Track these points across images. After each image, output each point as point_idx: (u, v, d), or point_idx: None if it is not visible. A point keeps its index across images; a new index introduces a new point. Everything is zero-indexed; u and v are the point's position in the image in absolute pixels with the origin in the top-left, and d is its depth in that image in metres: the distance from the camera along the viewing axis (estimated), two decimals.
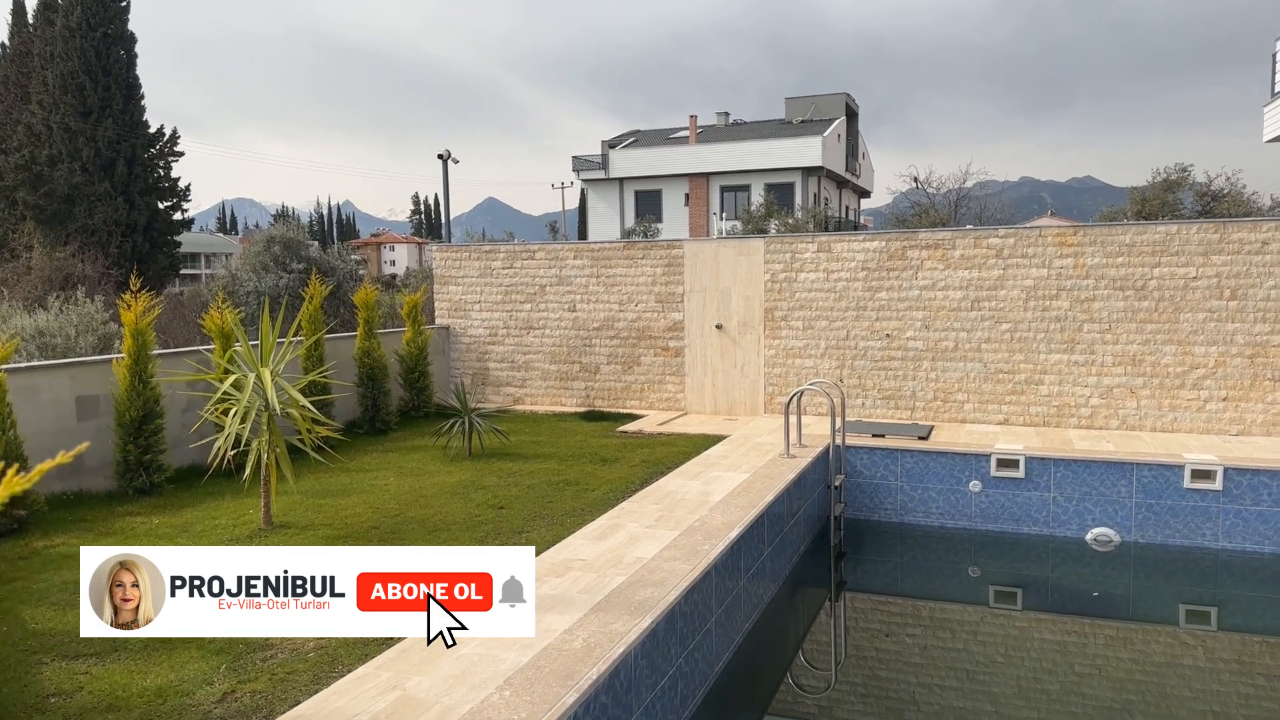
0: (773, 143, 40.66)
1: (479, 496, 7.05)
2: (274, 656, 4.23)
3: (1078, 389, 9.13)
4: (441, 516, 6.49)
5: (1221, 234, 8.57)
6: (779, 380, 10.29)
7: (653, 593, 4.71)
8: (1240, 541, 7.46)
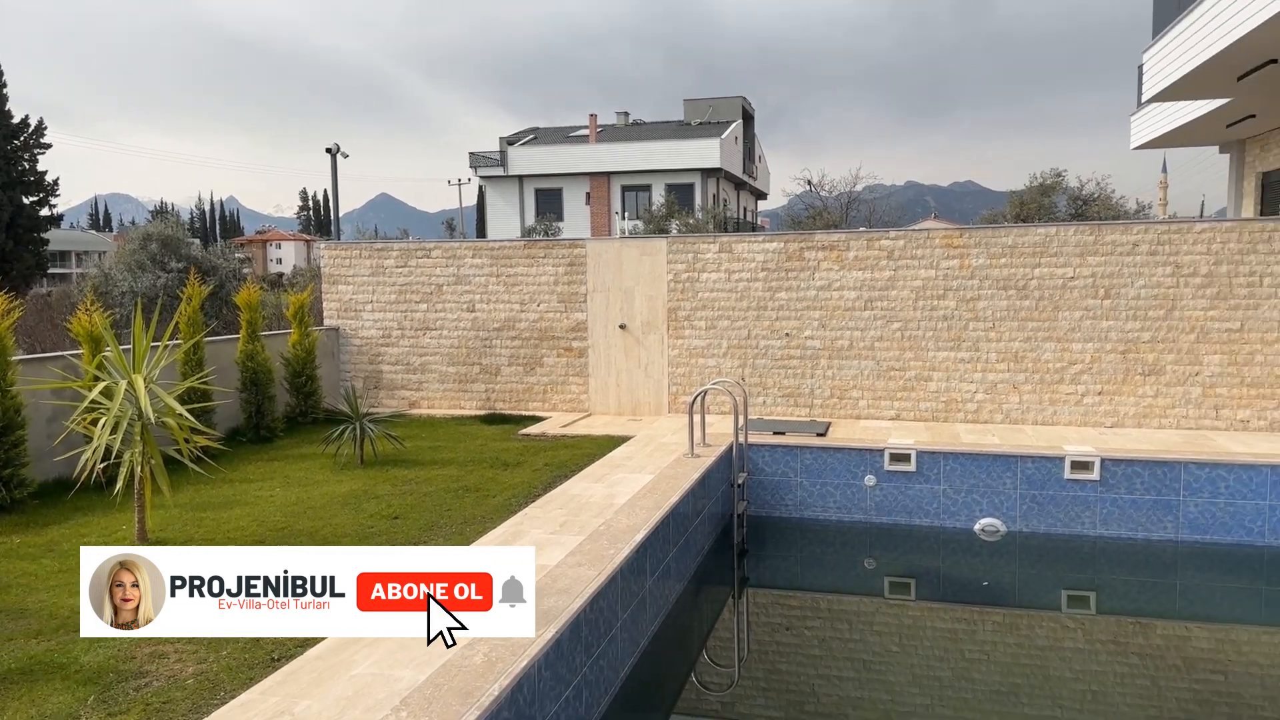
0: (673, 144, 40.98)
1: (372, 506, 6.78)
2: (148, 685, 3.94)
3: (964, 385, 9.46)
4: (331, 529, 6.21)
5: (1096, 236, 9.03)
6: (683, 380, 10.32)
7: (557, 601, 4.61)
8: (1116, 529, 7.86)
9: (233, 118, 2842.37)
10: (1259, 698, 5.73)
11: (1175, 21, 10.97)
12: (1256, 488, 7.52)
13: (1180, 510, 7.70)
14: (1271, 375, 8.68)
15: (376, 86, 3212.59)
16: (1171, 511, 7.72)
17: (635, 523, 5.97)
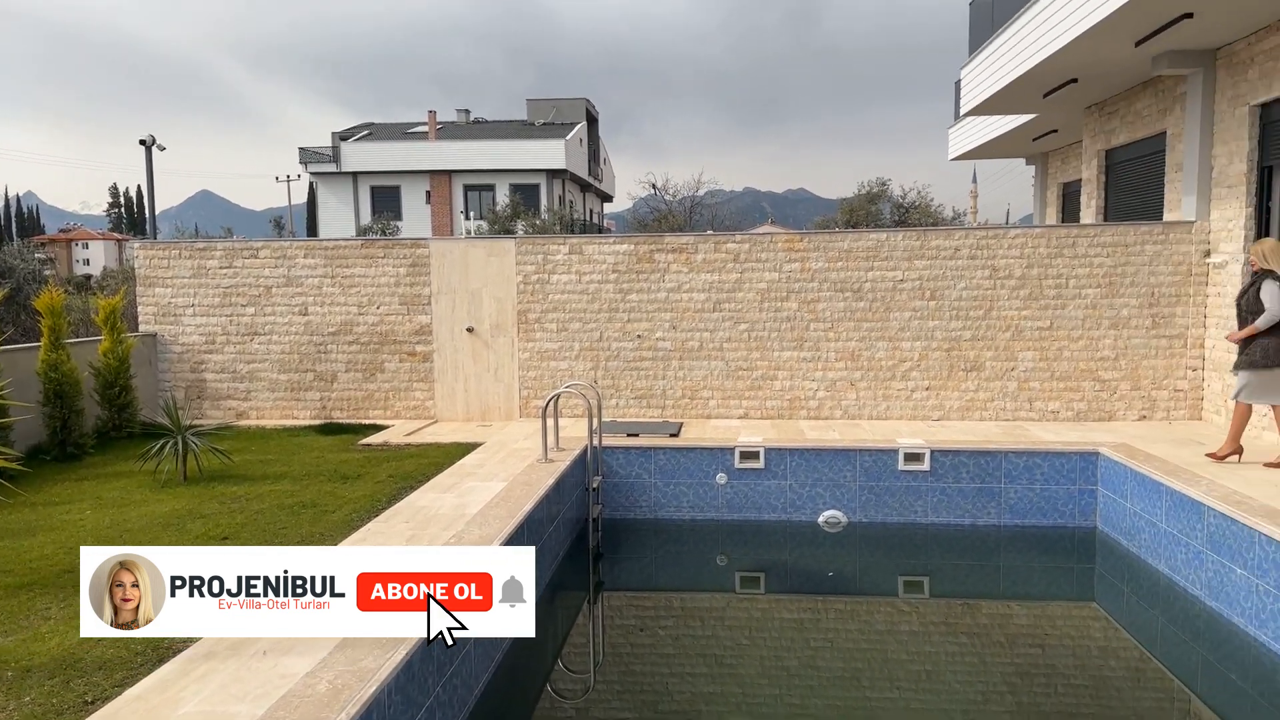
0: (517, 143, 40.53)
1: (197, 527, 6.25)
2: None
3: (806, 383, 9.81)
4: None
5: (922, 241, 9.57)
6: (534, 383, 10.16)
7: None
8: (945, 516, 8.34)
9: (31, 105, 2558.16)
10: (1071, 667, 6.21)
11: (988, 41, 11.82)
12: (1067, 474, 8.17)
13: (1002, 497, 8.26)
14: (1077, 369, 9.47)
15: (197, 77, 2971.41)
16: (994, 498, 8.27)
17: (488, 534, 5.79)
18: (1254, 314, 6.98)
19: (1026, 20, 10.24)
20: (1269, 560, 5.56)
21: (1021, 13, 10.37)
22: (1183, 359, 9.36)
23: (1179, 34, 8.48)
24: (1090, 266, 9.39)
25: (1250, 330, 6.95)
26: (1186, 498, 6.59)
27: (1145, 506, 7.24)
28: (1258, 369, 6.98)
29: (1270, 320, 6.84)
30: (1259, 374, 7.01)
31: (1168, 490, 6.87)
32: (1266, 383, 7.00)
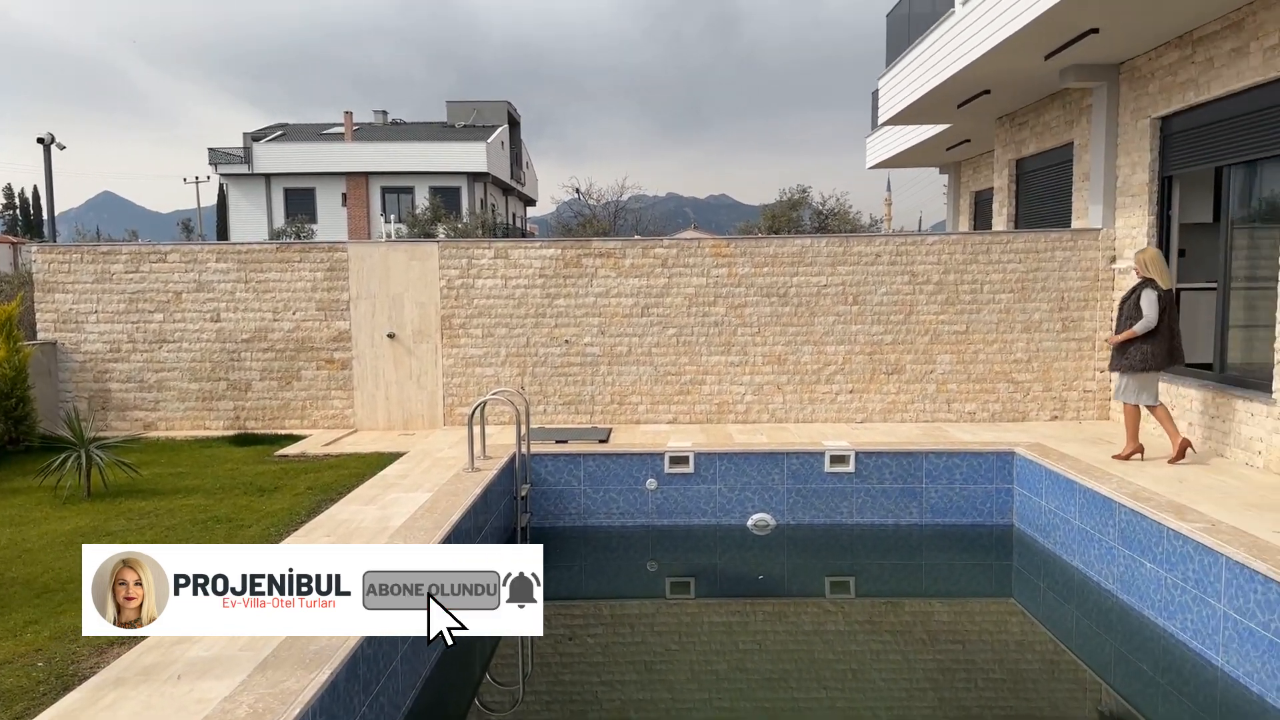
0: (437, 145, 39.92)
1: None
2: None
3: (734, 387, 9.87)
4: (54, 574, 5.34)
5: (845, 247, 9.74)
6: (459, 390, 9.96)
7: (332, 639, 4.20)
8: (869, 516, 8.49)
9: None
10: (990, 662, 6.39)
11: (905, 53, 12.13)
12: (985, 473, 8.40)
13: (923, 496, 8.45)
14: (991, 372, 9.77)
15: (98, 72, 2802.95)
16: (916, 498, 8.46)
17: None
18: (1133, 319, 7.41)
19: (941, 33, 10.54)
20: (1176, 554, 5.80)
21: (937, 26, 10.67)
22: (1091, 361, 9.74)
23: (1086, 49, 8.83)
24: (1004, 272, 9.70)
25: (1129, 334, 7.38)
26: (1098, 495, 6.84)
27: (1060, 504, 7.50)
28: (1135, 372, 7.42)
29: (1147, 327, 7.29)
30: (1136, 376, 7.46)
31: (1081, 488, 7.13)
32: (1143, 384, 7.46)
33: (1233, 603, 5.21)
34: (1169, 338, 7.35)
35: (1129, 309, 7.49)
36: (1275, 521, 5.81)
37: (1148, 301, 7.30)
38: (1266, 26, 7.09)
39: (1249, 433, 7.38)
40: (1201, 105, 8.12)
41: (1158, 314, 7.27)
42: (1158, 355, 7.36)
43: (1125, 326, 7.48)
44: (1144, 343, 7.36)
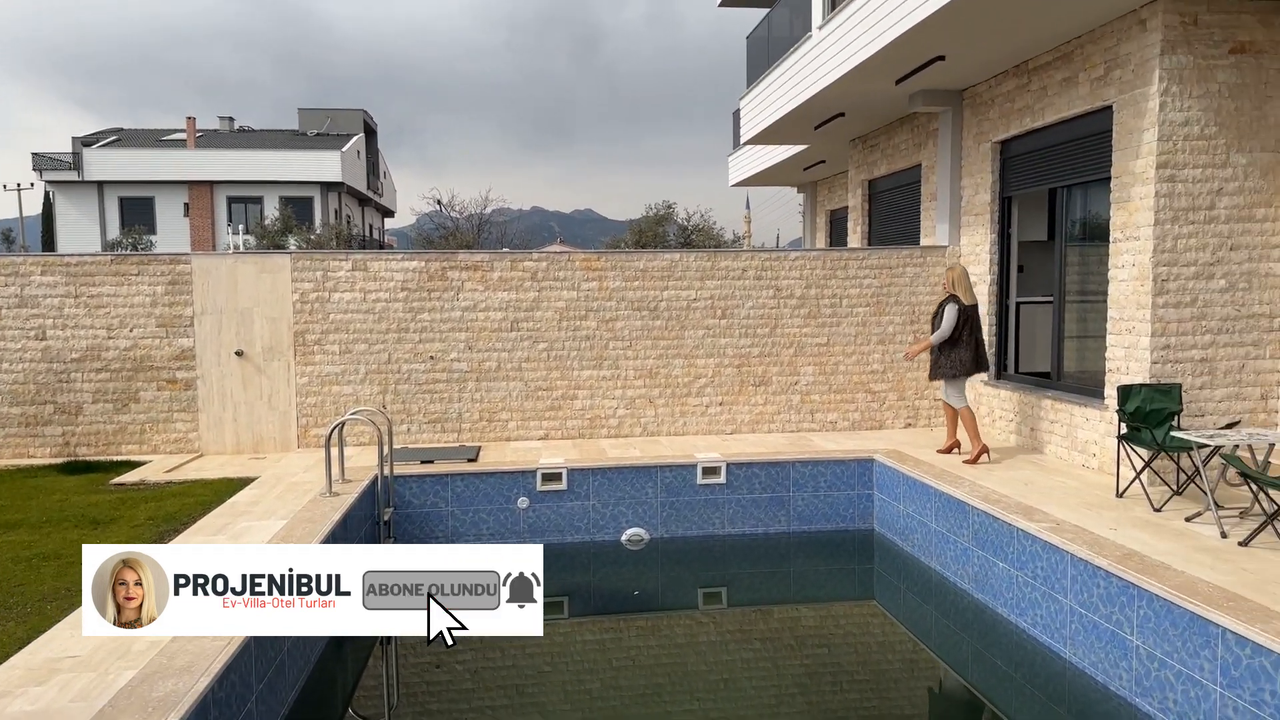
0: (288, 154, 38.20)
1: None
2: None
3: (606, 401, 9.82)
4: None
5: (713, 262, 9.89)
6: (314, 410, 9.46)
7: (177, 683, 3.85)
8: (741, 526, 8.61)
9: None
10: (854, 663, 6.58)
11: (764, 75, 12.49)
12: (847, 480, 8.68)
13: (790, 505, 8.64)
14: (851, 382, 10.13)
15: None
16: (784, 506, 8.64)
17: None
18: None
19: (799, 56, 10.91)
20: (1026, 553, 6.14)
21: (795, 49, 11.04)
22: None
23: (932, 75, 9.34)
24: (861, 287, 10.10)
25: (924, 345, 8.24)
26: (952, 498, 7.18)
27: (916, 508, 7.83)
28: (949, 378, 8.24)
29: (940, 338, 8.11)
30: (951, 383, 8.28)
31: (935, 492, 7.46)
32: (951, 390, 8.30)
33: (1078, 597, 5.55)
34: (973, 347, 8.13)
35: (936, 322, 8.27)
36: (1112, 519, 6.25)
37: (948, 316, 8.08)
38: (1093, 59, 7.69)
39: (1085, 436, 7.94)
40: (1037, 131, 8.72)
41: (952, 327, 8.06)
42: (965, 363, 8.14)
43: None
44: (953, 351, 8.12)
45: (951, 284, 8.20)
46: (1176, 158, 6.95)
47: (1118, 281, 7.46)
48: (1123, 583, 5.12)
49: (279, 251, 9.05)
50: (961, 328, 8.06)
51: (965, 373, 8.18)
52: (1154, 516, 6.31)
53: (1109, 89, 7.48)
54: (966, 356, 8.13)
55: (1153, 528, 6.02)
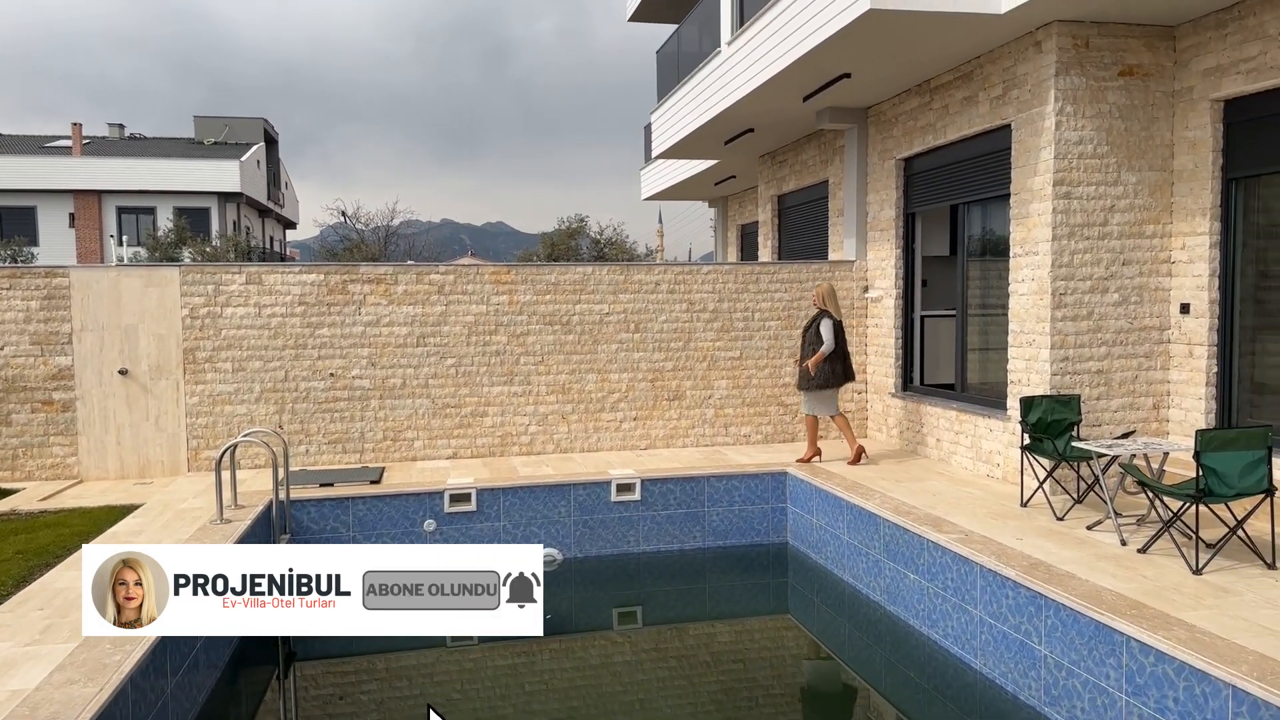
0: (184, 163, 36.59)
1: None
2: None
3: (518, 418, 9.59)
4: None
5: (626, 275, 9.78)
6: (205, 432, 8.94)
7: None
8: (656, 543, 8.49)
9: None
10: (769, 678, 6.55)
11: (675, 90, 12.50)
12: (761, 494, 8.66)
13: (705, 520, 8.58)
14: (764, 396, 10.15)
15: None
16: (699, 522, 8.56)
17: None
18: (815, 346, 8.58)
19: (709, 72, 10.95)
20: (936, 564, 6.19)
21: (704, 65, 11.08)
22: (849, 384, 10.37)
23: (838, 93, 9.47)
24: (772, 301, 10.15)
25: (819, 358, 8.51)
26: (864, 511, 7.22)
27: (829, 520, 7.85)
28: (820, 389, 8.67)
29: (828, 350, 8.50)
30: (820, 393, 8.72)
31: (847, 505, 7.49)
32: (826, 399, 8.77)
33: (988, 608, 5.61)
34: (843, 359, 8.67)
35: (810, 337, 8.67)
36: (1017, 529, 6.36)
37: (826, 330, 8.52)
38: (992, 79, 7.91)
39: (989, 447, 8.12)
40: (939, 148, 8.93)
41: (834, 339, 8.51)
42: (836, 374, 8.63)
43: (810, 353, 8.64)
44: (825, 364, 8.54)
45: (822, 299, 8.70)
46: (1071, 175, 7.19)
47: (1018, 295, 7.66)
48: (1030, 593, 5.19)
49: (168, 264, 8.56)
50: (838, 340, 8.57)
51: (837, 383, 8.69)
52: (1057, 525, 6.46)
53: (1008, 108, 7.70)
54: (840, 368, 8.64)
55: (1057, 536, 6.16)
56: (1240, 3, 6.55)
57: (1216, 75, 6.83)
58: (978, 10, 6.88)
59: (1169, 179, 7.33)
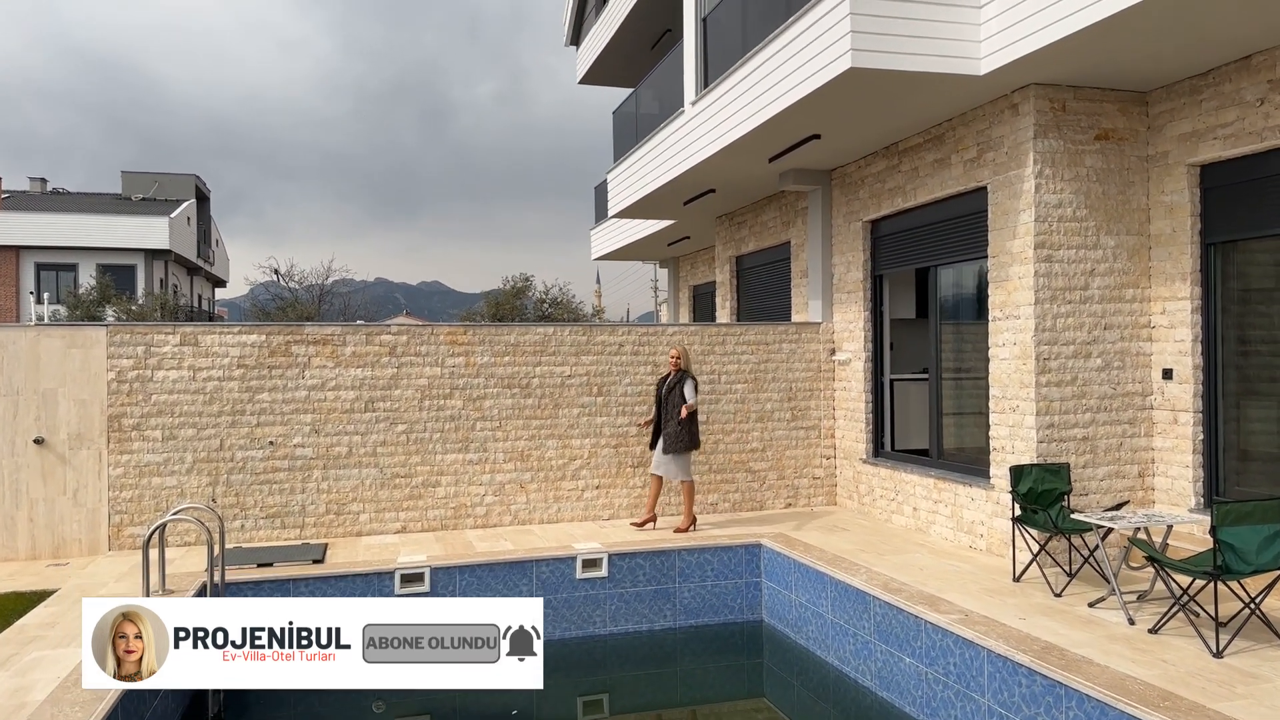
0: (110, 219, 35.36)
1: None
2: None
3: (473, 488, 9.00)
4: None
5: (589, 337, 9.37)
6: (130, 506, 8.13)
7: None
8: (624, 624, 7.93)
9: None
10: None
11: (633, 149, 12.31)
12: (734, 568, 8.21)
13: (676, 597, 8.07)
14: (731, 461, 9.76)
15: None
16: (669, 599, 8.05)
17: None
18: (678, 406, 8.43)
19: (670, 132, 10.76)
20: (936, 648, 5.79)
21: (666, 124, 10.89)
22: (818, 448, 10.07)
23: (803, 155, 9.35)
24: (739, 363, 9.83)
25: (687, 411, 8.35)
26: (850, 587, 6.81)
27: (810, 597, 7.42)
28: (682, 453, 8.50)
29: (693, 409, 8.41)
30: (681, 457, 8.54)
31: (832, 580, 7.08)
32: (685, 463, 8.60)
33: (997, 697, 5.21)
34: (698, 423, 8.64)
35: (675, 398, 8.49)
36: (1016, 607, 6.02)
37: (690, 390, 8.46)
38: (965, 141, 7.83)
39: (971, 517, 7.82)
40: (909, 210, 8.81)
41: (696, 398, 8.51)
42: (696, 437, 8.59)
43: (673, 414, 8.45)
44: (690, 425, 8.46)
45: (682, 359, 8.62)
46: (1052, 238, 7.07)
47: (999, 360, 7.47)
48: (1048, 681, 4.82)
49: (93, 324, 7.86)
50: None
51: (697, 446, 8.62)
52: (1055, 602, 6.14)
53: (983, 170, 7.61)
54: (696, 430, 8.59)
55: (1060, 615, 5.83)
56: (1215, 70, 6.58)
57: (1193, 140, 6.83)
58: (957, 71, 6.79)
59: (1146, 243, 7.28)
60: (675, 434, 8.43)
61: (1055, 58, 6.47)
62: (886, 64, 6.68)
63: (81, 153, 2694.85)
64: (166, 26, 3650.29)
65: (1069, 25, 6.00)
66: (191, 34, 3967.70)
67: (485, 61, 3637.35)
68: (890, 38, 6.67)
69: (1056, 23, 6.10)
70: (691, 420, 8.47)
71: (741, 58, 8.64)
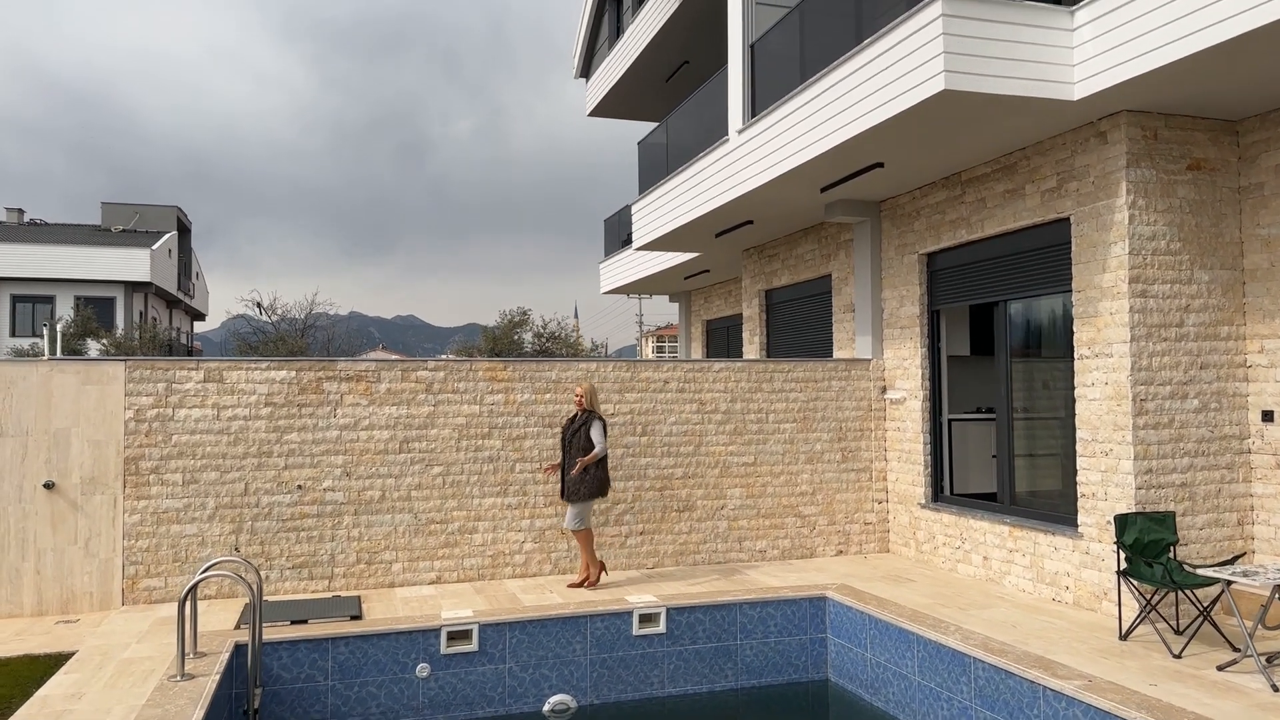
0: (90, 250, 34.56)
1: None
2: None
3: (512, 534, 8.42)
4: None
5: (633, 373, 8.88)
6: (146, 557, 7.47)
7: None
8: (683, 684, 7.36)
9: None
10: None
11: (662, 181, 11.91)
12: (798, 623, 7.67)
13: (738, 655, 7.51)
14: (780, 506, 9.26)
15: None
16: (731, 658, 7.49)
17: None
18: (587, 449, 7.78)
19: (710, 162, 10.37)
20: (1059, 717, 5.29)
21: (705, 154, 10.50)
22: (869, 492, 9.60)
23: (858, 185, 8.99)
24: (787, 401, 9.37)
25: (592, 458, 7.70)
26: (943, 647, 6.30)
27: (891, 657, 6.89)
28: (587, 500, 7.79)
29: (601, 454, 7.77)
30: (585, 504, 7.83)
31: (919, 639, 6.56)
32: (587, 510, 7.87)
33: None
34: (606, 468, 7.93)
35: (581, 439, 7.80)
36: (1139, 670, 5.54)
37: (598, 432, 7.79)
38: (1042, 170, 7.49)
39: (1055, 568, 7.36)
40: (974, 243, 8.44)
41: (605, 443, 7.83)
42: (604, 483, 7.87)
43: (578, 457, 7.77)
44: (597, 471, 7.78)
45: (588, 399, 7.93)
46: (1147, 272, 6.71)
47: (1087, 400, 7.06)
48: None
49: (111, 358, 7.27)
50: None
51: (603, 493, 7.89)
52: (1178, 664, 5.66)
53: (1065, 201, 7.26)
54: (604, 476, 7.89)
55: (1191, 680, 5.35)
56: None
57: None
58: (1049, 96, 6.45)
59: (1240, 278, 6.94)
60: (577, 480, 7.75)
61: (1153, 84, 6.15)
62: (979, 86, 6.32)
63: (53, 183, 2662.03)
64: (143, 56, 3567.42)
65: (1177, 49, 5.68)
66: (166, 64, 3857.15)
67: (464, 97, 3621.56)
68: (982, 59, 6.33)
69: (1163, 47, 5.78)
70: (600, 464, 7.82)
71: (801, 83, 8.28)
